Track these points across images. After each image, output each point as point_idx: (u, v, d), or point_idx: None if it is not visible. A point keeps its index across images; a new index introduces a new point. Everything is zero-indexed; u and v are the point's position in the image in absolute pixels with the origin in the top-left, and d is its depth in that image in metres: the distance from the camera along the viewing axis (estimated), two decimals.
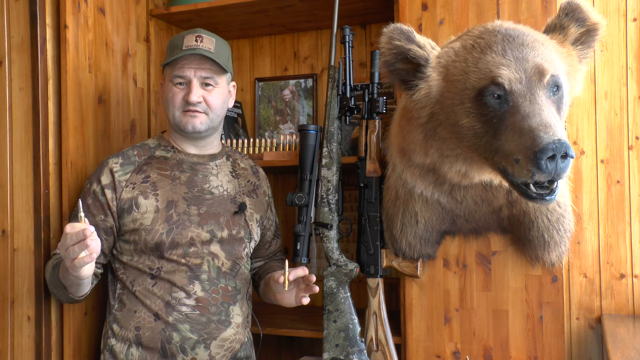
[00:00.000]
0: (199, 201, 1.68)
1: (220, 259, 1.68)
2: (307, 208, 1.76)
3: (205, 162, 1.75)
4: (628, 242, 1.88)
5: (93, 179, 1.68)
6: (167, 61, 1.67)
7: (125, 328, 1.63)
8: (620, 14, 1.90)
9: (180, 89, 1.66)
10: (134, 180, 1.66)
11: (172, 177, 1.68)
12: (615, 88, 1.90)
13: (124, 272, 1.68)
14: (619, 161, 1.89)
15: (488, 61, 1.35)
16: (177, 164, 1.71)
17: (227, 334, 1.65)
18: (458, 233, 1.73)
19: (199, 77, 1.65)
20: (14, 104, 1.82)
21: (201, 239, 1.66)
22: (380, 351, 1.75)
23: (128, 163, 1.68)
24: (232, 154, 1.86)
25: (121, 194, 1.64)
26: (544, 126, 1.24)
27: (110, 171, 1.66)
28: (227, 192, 1.74)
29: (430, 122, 1.48)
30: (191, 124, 1.66)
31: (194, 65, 1.65)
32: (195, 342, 1.60)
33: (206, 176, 1.73)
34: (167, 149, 1.73)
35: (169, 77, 1.68)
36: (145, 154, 1.71)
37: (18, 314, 1.80)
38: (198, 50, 1.63)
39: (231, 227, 1.71)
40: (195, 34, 1.67)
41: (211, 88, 1.67)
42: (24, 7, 1.80)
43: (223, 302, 1.66)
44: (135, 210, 1.63)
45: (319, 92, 2.36)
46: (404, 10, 1.79)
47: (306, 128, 1.79)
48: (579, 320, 1.92)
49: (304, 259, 1.74)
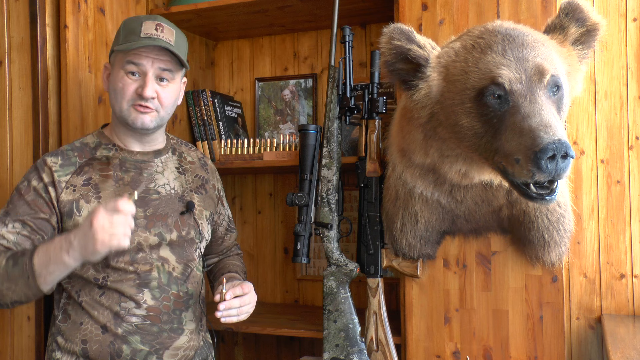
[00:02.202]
0: (144, 202, 1.56)
1: (171, 263, 1.57)
2: (307, 208, 1.76)
3: (149, 159, 1.62)
4: (628, 242, 1.88)
5: (31, 177, 1.53)
6: (122, 48, 1.51)
7: (71, 341, 1.52)
8: (620, 14, 1.90)
9: (132, 80, 1.52)
10: (75, 182, 1.53)
11: (115, 178, 1.56)
12: (615, 88, 1.90)
13: (68, 281, 1.55)
14: (619, 161, 1.89)
15: (488, 61, 1.35)
16: (120, 163, 1.58)
17: (180, 342, 1.56)
18: (458, 233, 1.73)
19: (156, 68, 1.53)
20: (14, 104, 1.82)
21: (149, 243, 1.54)
22: (380, 351, 1.75)
23: (68, 164, 1.55)
24: (178, 147, 1.73)
25: (60, 195, 1.51)
26: (544, 126, 1.24)
27: (50, 170, 1.53)
28: (174, 191, 1.63)
29: (430, 122, 1.48)
30: (140, 120, 1.53)
31: (152, 55, 1.51)
32: (147, 353, 1.51)
33: (151, 175, 1.61)
34: (109, 147, 1.60)
35: (120, 63, 1.53)
36: (85, 155, 1.58)
37: (18, 314, 1.80)
38: (158, 41, 1.50)
39: (180, 228, 1.60)
40: (155, 21, 1.53)
41: (166, 83, 1.55)
42: (24, 7, 1.80)
43: (175, 309, 1.56)
44: (77, 214, 1.50)
45: (319, 92, 2.36)
46: (404, 10, 1.79)
47: (306, 128, 1.79)
48: (579, 320, 1.92)
49: (304, 259, 1.74)
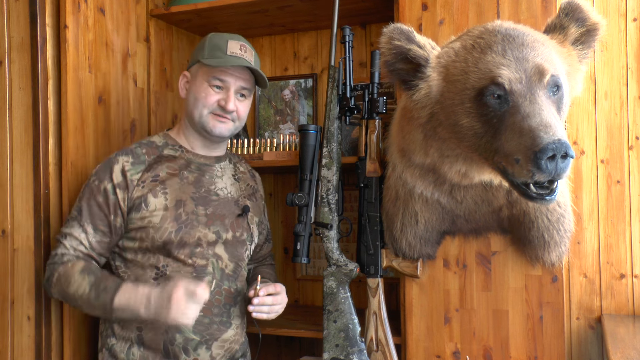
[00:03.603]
0: (205, 202, 1.70)
1: (224, 260, 1.69)
2: (307, 208, 1.76)
3: (211, 163, 1.76)
4: (628, 242, 1.88)
5: (103, 177, 1.65)
6: (210, 63, 1.65)
7: (127, 328, 1.63)
8: (620, 14, 1.90)
9: (215, 92, 1.67)
10: (144, 179, 1.65)
11: (180, 177, 1.69)
12: (615, 88, 1.90)
13: (125, 270, 1.66)
14: (619, 161, 1.89)
15: (488, 61, 1.35)
16: (186, 163, 1.72)
17: (227, 335, 1.67)
18: (458, 233, 1.73)
19: (238, 86, 1.68)
20: (14, 104, 1.82)
21: (207, 239, 1.67)
22: (380, 351, 1.75)
23: (138, 162, 1.67)
24: (232, 157, 1.88)
25: (132, 193, 1.63)
26: (544, 126, 1.24)
27: (122, 170, 1.65)
28: (231, 195, 1.76)
29: (430, 122, 1.48)
30: (219, 128, 1.68)
31: (236, 73, 1.67)
32: (198, 343, 1.62)
33: (212, 177, 1.74)
34: (175, 148, 1.74)
35: (204, 75, 1.67)
36: (153, 153, 1.70)
37: (18, 314, 1.80)
38: (243, 61, 1.66)
39: (235, 229, 1.73)
40: (239, 42, 1.69)
41: (243, 99, 1.71)
42: (24, 7, 1.80)
43: (225, 303, 1.67)
44: (144, 208, 1.63)
45: (319, 92, 2.36)
46: (404, 10, 1.79)
47: (306, 128, 1.79)
48: (579, 320, 1.92)
49: (304, 259, 1.74)
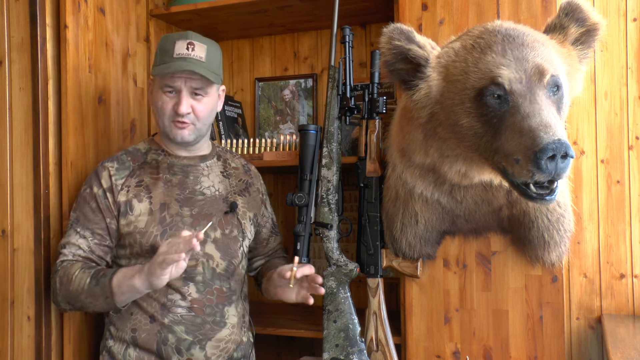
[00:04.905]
0: (190, 202, 1.69)
1: (215, 259, 1.68)
2: (307, 208, 1.76)
3: (195, 163, 1.76)
4: (628, 242, 1.88)
5: (93, 183, 1.68)
6: (157, 73, 1.65)
7: (122, 330, 1.65)
8: (620, 14, 1.90)
9: (170, 98, 1.66)
10: (129, 184, 1.68)
11: (164, 180, 1.70)
12: (615, 88, 1.90)
13: None
14: (619, 161, 1.89)
15: (488, 61, 1.35)
16: (169, 167, 1.73)
17: (222, 334, 1.66)
18: (458, 233, 1.73)
19: (189, 87, 1.65)
20: (14, 104, 1.82)
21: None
22: (380, 351, 1.75)
23: (123, 168, 1.70)
24: (222, 153, 1.86)
25: (117, 197, 1.66)
26: (544, 126, 1.24)
27: (109, 175, 1.68)
28: (218, 192, 1.75)
29: (430, 122, 1.48)
30: (180, 135, 1.67)
31: (184, 75, 1.64)
32: (191, 343, 1.62)
33: (197, 177, 1.74)
34: (158, 152, 1.75)
35: (158, 83, 1.67)
36: (138, 160, 1.73)
37: (18, 314, 1.80)
38: (189, 62, 1.62)
39: (224, 226, 1.72)
40: (186, 40, 1.65)
41: (200, 97, 1.67)
42: (24, 7, 1.80)
43: (218, 303, 1.67)
44: (130, 213, 1.65)
45: (319, 92, 2.36)
46: (404, 10, 1.79)
47: (306, 128, 1.79)
48: (579, 320, 1.92)
49: (304, 259, 1.74)
